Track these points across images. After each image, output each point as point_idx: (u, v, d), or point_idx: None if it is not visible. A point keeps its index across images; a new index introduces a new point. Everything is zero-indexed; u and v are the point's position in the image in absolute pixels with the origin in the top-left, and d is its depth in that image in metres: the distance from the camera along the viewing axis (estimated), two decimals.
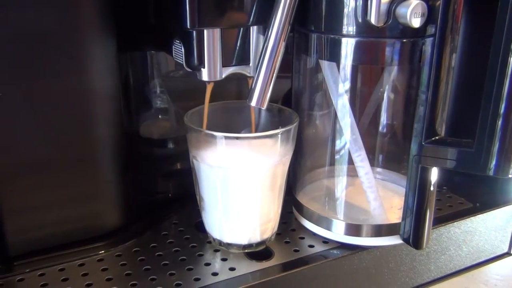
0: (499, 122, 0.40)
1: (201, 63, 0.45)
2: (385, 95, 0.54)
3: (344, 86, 0.50)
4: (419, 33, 0.43)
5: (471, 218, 0.58)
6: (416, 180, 0.47)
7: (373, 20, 0.42)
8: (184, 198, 0.58)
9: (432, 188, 0.47)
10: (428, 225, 0.48)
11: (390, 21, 0.42)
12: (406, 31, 0.43)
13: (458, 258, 0.58)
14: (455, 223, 0.57)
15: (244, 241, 0.50)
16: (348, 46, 0.44)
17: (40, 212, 0.48)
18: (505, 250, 0.62)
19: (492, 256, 0.61)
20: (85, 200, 0.50)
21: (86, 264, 0.49)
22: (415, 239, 0.49)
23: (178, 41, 0.46)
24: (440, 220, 0.56)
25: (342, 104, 0.50)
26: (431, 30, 0.43)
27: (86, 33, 0.45)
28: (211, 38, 0.44)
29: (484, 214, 0.59)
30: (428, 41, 0.43)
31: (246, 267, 0.49)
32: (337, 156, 0.55)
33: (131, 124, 0.57)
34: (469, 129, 0.44)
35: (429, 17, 0.42)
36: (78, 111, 0.47)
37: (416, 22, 0.42)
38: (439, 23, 0.41)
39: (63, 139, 0.47)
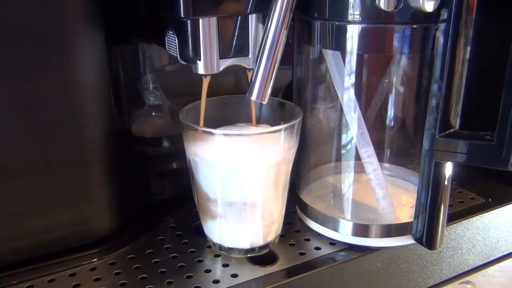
0: None
1: (197, 55, 0.42)
2: (393, 86, 0.51)
3: (349, 77, 0.48)
4: (432, 18, 0.41)
5: (483, 214, 0.56)
6: (429, 176, 0.45)
7: (382, 4, 0.40)
8: (181, 199, 0.56)
9: (446, 184, 0.45)
10: (442, 224, 0.46)
11: (401, 5, 0.39)
12: (418, 16, 0.40)
13: (471, 256, 0.56)
14: (467, 220, 0.55)
15: (246, 245, 0.48)
16: (354, 34, 0.42)
17: (27, 218, 0.46)
18: None
19: (506, 253, 0.59)
20: (75, 204, 0.47)
21: (78, 274, 0.47)
22: (428, 239, 0.47)
23: (171, 32, 0.43)
24: (452, 217, 0.54)
25: (348, 97, 0.48)
26: (444, 14, 0.40)
27: (72, 25, 0.43)
28: (207, 28, 0.42)
29: (497, 209, 0.57)
30: (441, 26, 0.40)
31: (249, 273, 0.46)
32: (343, 151, 0.52)
33: (123, 122, 0.55)
34: (479, 121, 0.41)
35: (443, 1, 0.39)
36: (65, 109, 0.44)
37: (429, 6, 0.39)
38: (453, 6, 0.39)
39: (50, 140, 0.44)
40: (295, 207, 0.54)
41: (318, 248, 0.50)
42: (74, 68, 0.44)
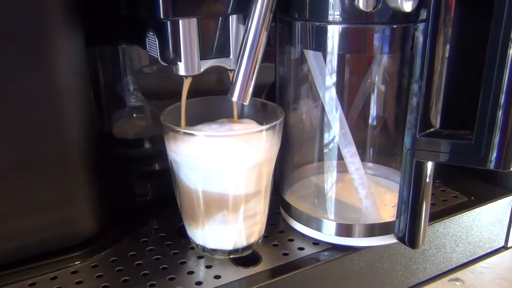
0: (500, 113, 0.38)
1: (177, 56, 0.42)
2: (375, 86, 0.51)
3: (331, 77, 0.48)
4: (411, 18, 0.41)
5: (466, 212, 0.56)
6: (411, 176, 0.45)
7: (361, 5, 0.40)
8: (164, 200, 0.56)
9: (428, 183, 0.45)
10: (424, 222, 0.46)
11: (380, 5, 0.40)
12: (397, 16, 0.40)
13: (455, 254, 0.56)
14: (450, 218, 0.55)
15: (229, 246, 0.48)
16: (334, 34, 0.42)
17: (7, 221, 0.45)
18: (502, 244, 0.60)
19: (488, 251, 0.60)
20: (56, 206, 0.47)
21: (59, 277, 0.46)
22: (410, 238, 0.47)
23: (151, 33, 0.43)
24: (435, 216, 0.54)
25: (330, 97, 0.48)
26: (423, 14, 0.40)
27: (50, 25, 0.42)
28: (187, 29, 0.41)
29: (480, 207, 0.57)
30: (420, 26, 0.40)
31: (233, 274, 0.46)
32: (325, 151, 0.52)
33: (103, 124, 0.54)
34: (459, 120, 0.42)
35: (421, 1, 0.40)
36: (45, 111, 0.44)
37: (407, 6, 0.39)
38: (432, 5, 0.39)
39: (30, 141, 0.44)
40: (279, 207, 0.54)
41: (301, 249, 0.50)
42: (53, 69, 0.43)
